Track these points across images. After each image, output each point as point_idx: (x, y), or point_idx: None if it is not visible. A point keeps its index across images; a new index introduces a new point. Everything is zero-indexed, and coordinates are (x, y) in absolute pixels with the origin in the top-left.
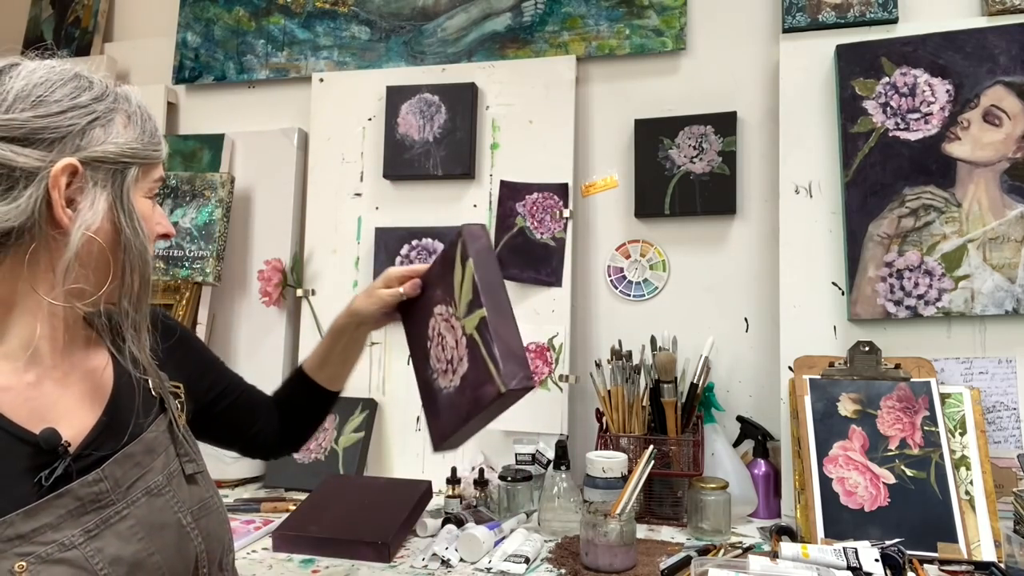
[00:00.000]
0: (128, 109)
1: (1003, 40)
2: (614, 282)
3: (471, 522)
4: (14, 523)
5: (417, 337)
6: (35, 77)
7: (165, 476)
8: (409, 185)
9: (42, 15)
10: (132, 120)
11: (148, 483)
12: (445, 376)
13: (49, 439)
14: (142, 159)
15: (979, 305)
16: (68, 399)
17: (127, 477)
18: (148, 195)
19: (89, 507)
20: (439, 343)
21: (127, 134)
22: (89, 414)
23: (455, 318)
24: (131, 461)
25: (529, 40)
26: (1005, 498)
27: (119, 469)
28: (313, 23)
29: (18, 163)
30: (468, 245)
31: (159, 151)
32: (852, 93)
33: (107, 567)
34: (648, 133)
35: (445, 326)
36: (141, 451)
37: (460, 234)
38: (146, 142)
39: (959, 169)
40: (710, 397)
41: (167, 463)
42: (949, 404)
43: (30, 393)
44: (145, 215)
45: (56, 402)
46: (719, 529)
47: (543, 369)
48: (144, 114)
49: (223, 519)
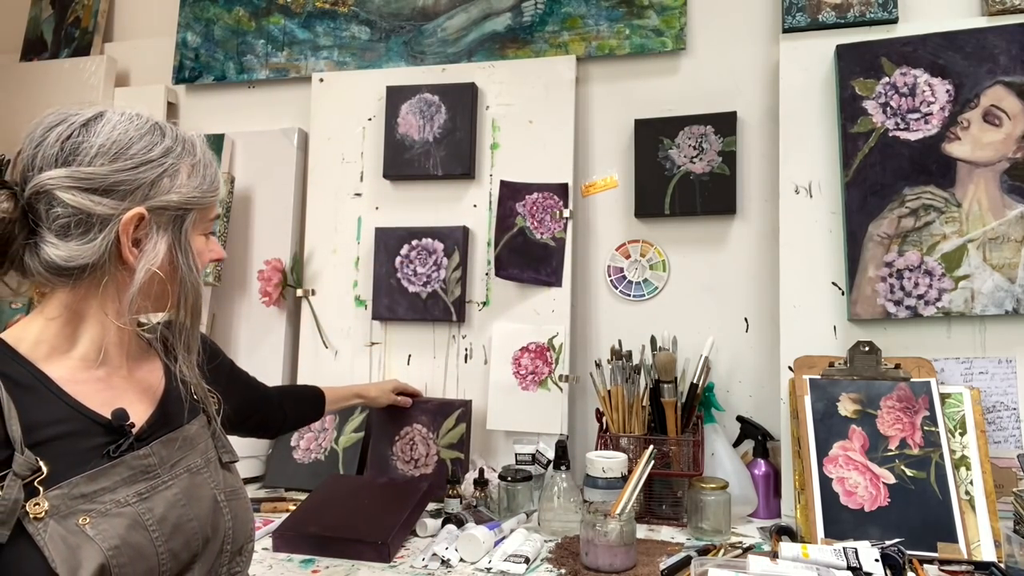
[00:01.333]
0: (193, 160)
1: (1003, 40)
2: (614, 282)
3: (471, 522)
4: (78, 484)
5: (391, 426)
6: (116, 132)
7: (204, 460)
8: (409, 185)
9: (42, 15)
10: (195, 169)
11: (189, 463)
12: (406, 464)
13: (120, 416)
14: (200, 205)
15: (979, 305)
16: (130, 394)
17: (172, 456)
18: (204, 232)
19: (140, 476)
20: (408, 443)
21: (190, 183)
22: (147, 407)
23: (433, 442)
24: (175, 444)
25: (529, 40)
26: (1005, 498)
27: (164, 449)
28: (313, 23)
29: (96, 211)
30: (471, 416)
31: (216, 194)
32: (852, 93)
33: (155, 524)
34: (648, 133)
35: (420, 438)
36: (183, 438)
37: (468, 403)
38: (205, 189)
39: (959, 169)
40: (710, 397)
41: (206, 451)
42: (949, 404)
43: (101, 386)
44: (199, 250)
45: (121, 395)
46: (719, 529)
47: (543, 369)
48: (206, 161)
49: (248, 508)
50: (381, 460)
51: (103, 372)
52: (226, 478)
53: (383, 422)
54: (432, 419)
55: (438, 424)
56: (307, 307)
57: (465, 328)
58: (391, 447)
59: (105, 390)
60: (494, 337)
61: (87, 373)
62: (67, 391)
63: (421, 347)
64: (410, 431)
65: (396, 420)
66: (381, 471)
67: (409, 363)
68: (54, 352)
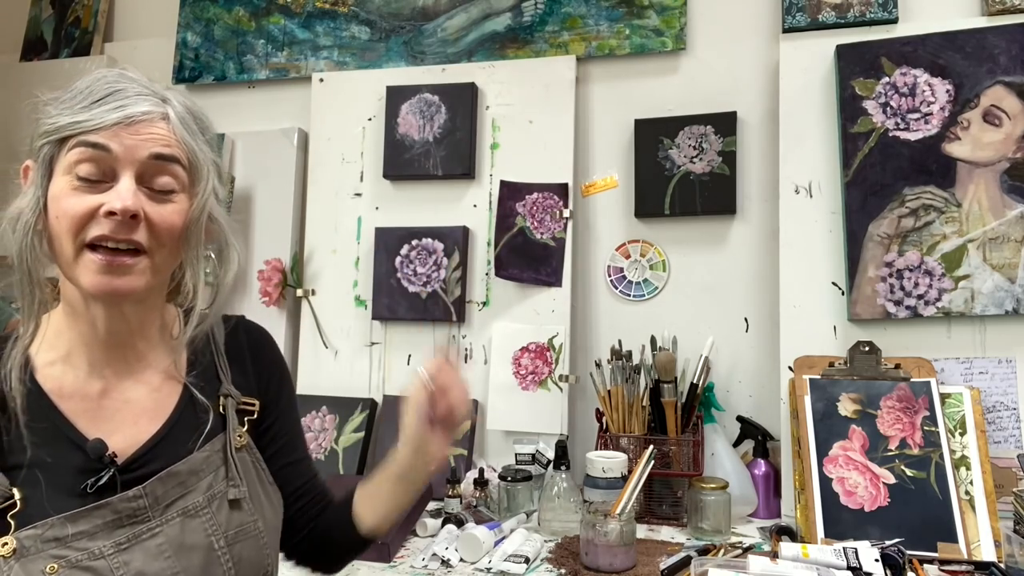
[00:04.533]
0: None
1: (1003, 40)
2: (614, 282)
3: (471, 522)
4: (54, 526)
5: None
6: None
7: (206, 498)
8: (409, 185)
9: (42, 15)
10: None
11: (187, 503)
12: None
13: (96, 449)
14: (54, 135)
15: (979, 305)
16: (126, 413)
17: (167, 496)
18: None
19: (125, 521)
20: None
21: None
22: (148, 426)
23: None
24: (175, 480)
25: (529, 40)
26: (1005, 498)
27: (161, 487)
28: (313, 23)
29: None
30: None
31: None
32: (852, 93)
33: None
34: (648, 133)
35: None
36: (187, 471)
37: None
38: (67, 117)
39: (959, 169)
40: (710, 397)
41: (212, 484)
42: (949, 404)
43: (91, 403)
44: (55, 195)
45: (114, 415)
46: (719, 529)
47: (543, 369)
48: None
49: (262, 545)
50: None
51: (98, 383)
52: (231, 518)
53: (389, 421)
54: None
55: None
56: (307, 307)
57: (465, 328)
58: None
59: (96, 408)
60: (494, 337)
61: (78, 382)
62: (58, 406)
63: (421, 347)
64: None
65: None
66: None
67: (409, 363)
68: (51, 352)
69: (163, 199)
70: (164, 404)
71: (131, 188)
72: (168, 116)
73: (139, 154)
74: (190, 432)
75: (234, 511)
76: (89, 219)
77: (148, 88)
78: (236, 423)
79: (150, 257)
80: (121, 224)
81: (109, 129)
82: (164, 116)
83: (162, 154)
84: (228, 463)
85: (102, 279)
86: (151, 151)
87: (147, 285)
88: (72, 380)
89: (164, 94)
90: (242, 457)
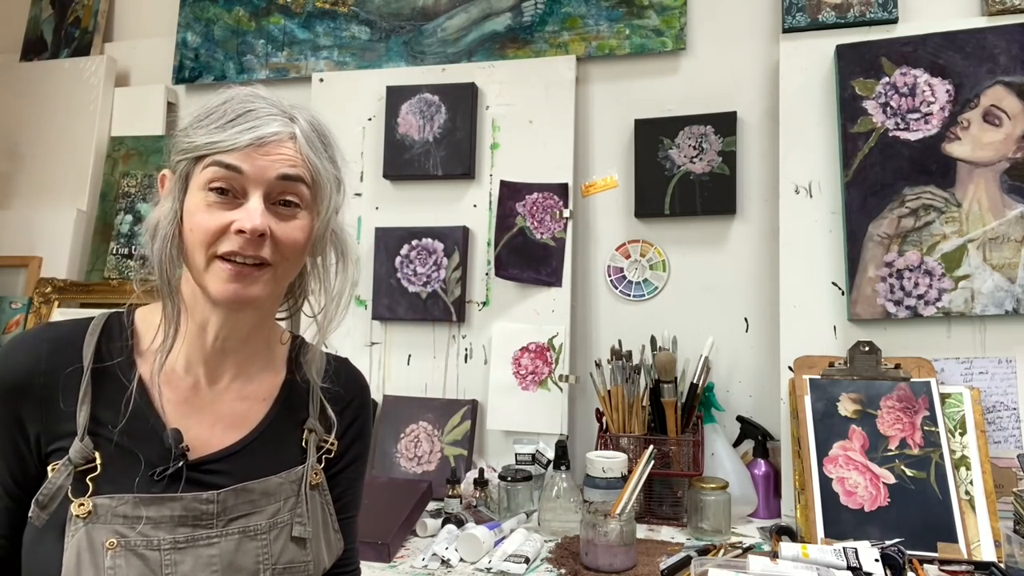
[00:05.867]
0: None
1: (1003, 40)
2: (614, 282)
3: (471, 522)
4: (128, 503)
5: (398, 424)
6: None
7: (268, 524)
8: (409, 185)
9: (42, 15)
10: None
11: (250, 523)
12: (410, 462)
13: (174, 436)
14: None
15: (979, 305)
16: (213, 416)
17: (236, 509)
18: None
19: (189, 520)
20: (413, 440)
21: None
22: (225, 434)
23: (437, 439)
24: (247, 496)
25: (529, 40)
26: (1005, 498)
27: (233, 499)
28: (313, 23)
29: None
30: (476, 413)
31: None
32: (852, 93)
33: None
34: (648, 133)
35: (425, 435)
36: (260, 491)
37: (474, 402)
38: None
39: (959, 169)
40: (710, 397)
41: (279, 512)
42: (949, 404)
43: (183, 395)
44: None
45: (197, 412)
46: (719, 529)
47: (543, 369)
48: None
49: None
50: (385, 457)
51: (190, 379)
52: (286, 551)
53: (390, 420)
54: (438, 416)
55: (443, 421)
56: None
57: (465, 328)
58: (396, 444)
59: (181, 402)
60: (494, 337)
61: (173, 374)
62: (149, 391)
63: (421, 347)
64: (416, 428)
65: (403, 418)
66: (384, 468)
67: (409, 363)
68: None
69: (288, 216)
70: (248, 418)
71: (259, 208)
72: (295, 136)
73: (268, 175)
74: (267, 453)
75: (291, 545)
76: (221, 234)
77: (278, 107)
78: (315, 460)
79: (274, 269)
80: (249, 241)
81: (242, 151)
82: (292, 136)
83: (289, 175)
84: (300, 496)
85: (230, 287)
86: (279, 172)
87: (270, 294)
88: (167, 370)
89: (292, 112)
90: (313, 496)
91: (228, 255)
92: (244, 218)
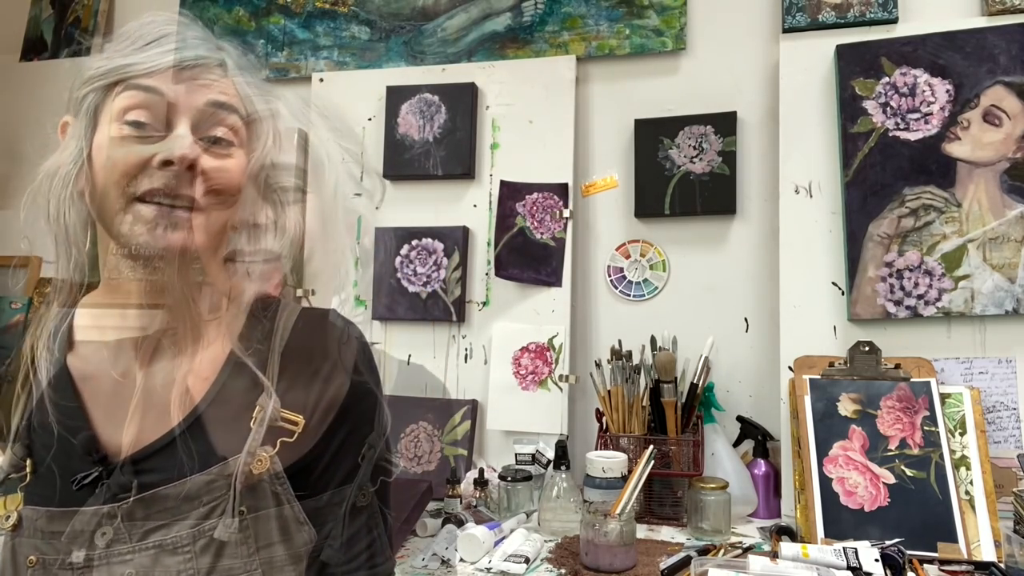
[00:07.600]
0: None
1: (1003, 40)
2: (614, 282)
3: (471, 522)
4: (41, 517)
5: (398, 424)
6: None
7: (192, 534)
8: (409, 185)
9: (42, 15)
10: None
11: (167, 536)
12: (410, 462)
13: (84, 444)
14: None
15: (979, 305)
16: (145, 400)
17: (149, 520)
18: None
19: (98, 535)
20: (413, 440)
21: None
22: (158, 426)
23: (437, 439)
24: (160, 505)
25: (529, 40)
26: (1005, 498)
27: (141, 510)
28: (313, 23)
29: None
30: (476, 413)
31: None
32: (852, 93)
33: None
34: (648, 133)
35: (425, 435)
36: (177, 496)
37: (474, 402)
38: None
39: (959, 169)
40: (710, 397)
41: (204, 516)
42: (949, 404)
43: (109, 388)
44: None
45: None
46: (719, 529)
47: (543, 369)
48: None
49: None
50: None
51: (121, 364)
52: (217, 565)
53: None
54: (438, 416)
55: (443, 421)
56: None
57: (465, 328)
58: (396, 444)
59: (113, 394)
60: (494, 337)
61: (103, 362)
62: (77, 386)
63: (421, 347)
64: (416, 428)
65: (403, 418)
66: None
67: (409, 363)
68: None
69: (219, 152)
70: (188, 401)
71: (189, 136)
72: (225, 64)
73: (196, 101)
74: (206, 442)
75: (221, 556)
76: (140, 170)
77: (203, 33)
78: (259, 441)
79: (206, 215)
80: (176, 176)
81: (163, 72)
82: (221, 63)
83: (220, 102)
84: (233, 494)
85: (153, 233)
86: (209, 98)
87: (202, 245)
88: (98, 360)
89: (219, 42)
90: (260, 487)
91: (150, 194)
92: (170, 146)
